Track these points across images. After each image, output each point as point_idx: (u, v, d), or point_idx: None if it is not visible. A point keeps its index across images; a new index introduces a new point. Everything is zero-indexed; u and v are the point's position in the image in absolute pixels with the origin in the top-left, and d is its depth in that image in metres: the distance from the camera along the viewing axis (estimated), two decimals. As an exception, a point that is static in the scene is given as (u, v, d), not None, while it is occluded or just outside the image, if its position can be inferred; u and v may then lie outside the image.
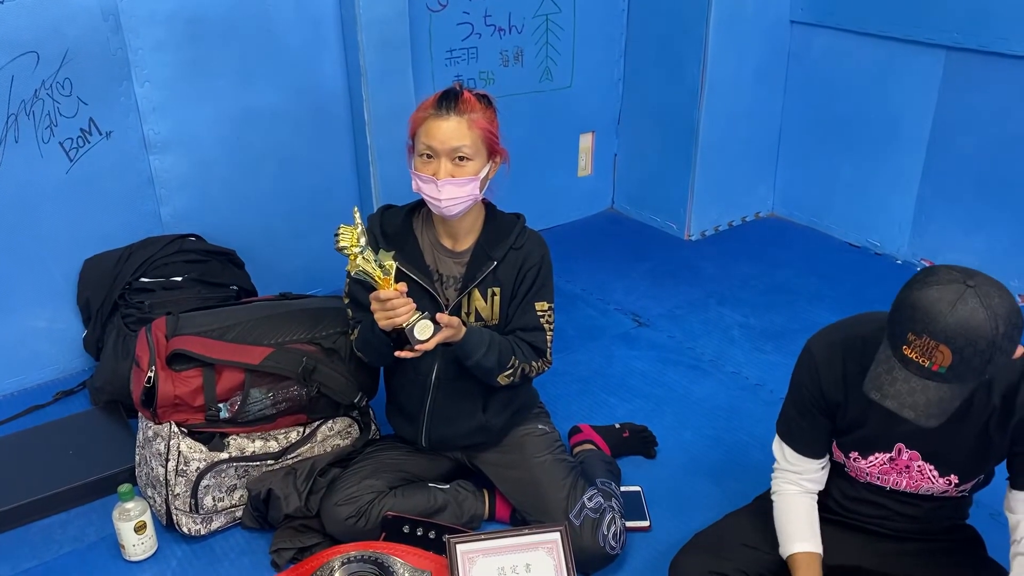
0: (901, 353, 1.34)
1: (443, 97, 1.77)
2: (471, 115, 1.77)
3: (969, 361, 1.29)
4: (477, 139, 1.78)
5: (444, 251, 1.92)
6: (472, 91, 1.81)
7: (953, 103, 3.13)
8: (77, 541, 2.06)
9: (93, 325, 2.58)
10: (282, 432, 2.10)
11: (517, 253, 1.90)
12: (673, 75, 3.51)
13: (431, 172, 1.77)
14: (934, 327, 1.29)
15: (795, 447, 1.65)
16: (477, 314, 1.91)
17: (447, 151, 1.76)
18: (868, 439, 1.59)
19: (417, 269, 1.87)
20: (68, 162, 2.53)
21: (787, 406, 1.67)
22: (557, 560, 1.77)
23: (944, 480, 1.57)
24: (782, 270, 3.40)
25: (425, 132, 1.77)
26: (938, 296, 1.30)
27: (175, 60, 2.62)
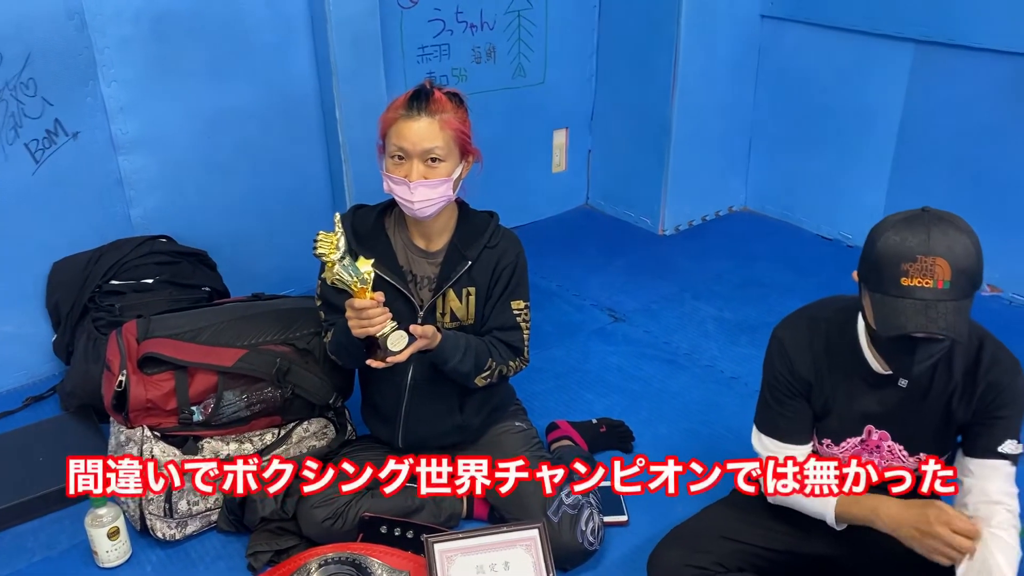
0: (900, 287, 1.36)
1: (413, 97, 1.74)
2: (442, 115, 1.75)
3: (964, 271, 1.35)
4: (449, 139, 1.76)
5: (417, 251, 1.90)
6: (443, 89, 1.79)
7: (922, 96, 3.16)
8: (49, 548, 2.03)
9: (63, 329, 2.54)
10: (257, 434, 2.08)
11: (491, 252, 1.89)
12: (645, 71, 3.52)
13: (403, 174, 1.75)
14: (924, 246, 1.35)
15: (779, 437, 1.66)
16: (452, 314, 1.90)
17: (419, 152, 1.74)
18: (839, 425, 1.62)
19: (390, 270, 1.86)
20: (34, 164, 2.49)
21: (764, 399, 1.68)
22: (535, 557, 1.77)
23: (914, 459, 1.60)
24: (755, 264, 3.42)
25: (396, 133, 1.75)
26: (909, 227, 1.37)
27: (142, 59, 2.59)
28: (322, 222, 3.11)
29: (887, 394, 1.57)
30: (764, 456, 1.68)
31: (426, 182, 1.75)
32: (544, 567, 1.76)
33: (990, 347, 1.52)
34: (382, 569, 1.78)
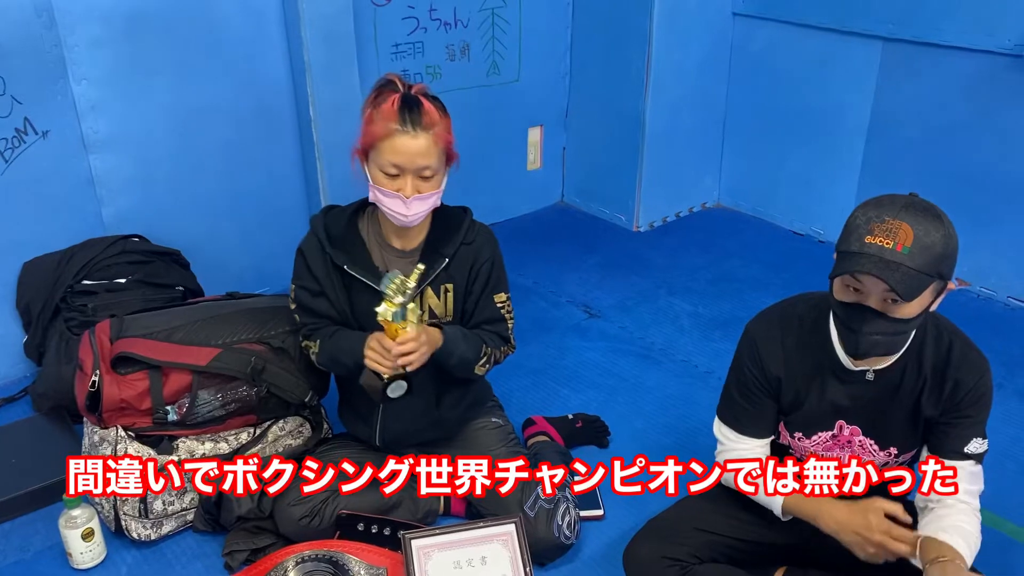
0: (864, 243, 1.39)
1: (405, 110, 1.71)
2: (435, 129, 1.73)
3: (929, 248, 1.36)
4: (441, 153, 1.77)
5: (393, 251, 1.90)
6: (426, 96, 1.76)
7: (891, 93, 3.21)
8: (22, 551, 2.02)
9: (34, 330, 2.52)
10: (232, 433, 2.07)
11: (468, 248, 1.90)
12: (619, 68, 3.54)
13: (396, 188, 1.74)
14: (892, 210, 1.38)
15: (738, 428, 1.69)
16: (431, 311, 1.90)
17: (414, 169, 1.73)
18: (811, 419, 1.64)
19: (365, 270, 1.85)
20: (3, 163, 2.46)
21: (728, 390, 1.71)
22: (512, 552, 1.78)
23: (884, 453, 1.63)
24: (729, 259, 3.45)
25: (391, 150, 1.72)
26: (890, 199, 1.41)
27: (113, 57, 2.57)
28: (296, 220, 3.13)
29: (857, 389, 1.59)
30: (723, 444, 1.72)
31: (420, 196, 1.75)
32: (521, 561, 1.77)
33: (959, 345, 1.55)
34: (359, 566, 1.79)
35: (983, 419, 1.57)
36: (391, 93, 1.74)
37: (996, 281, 3.12)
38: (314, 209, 3.12)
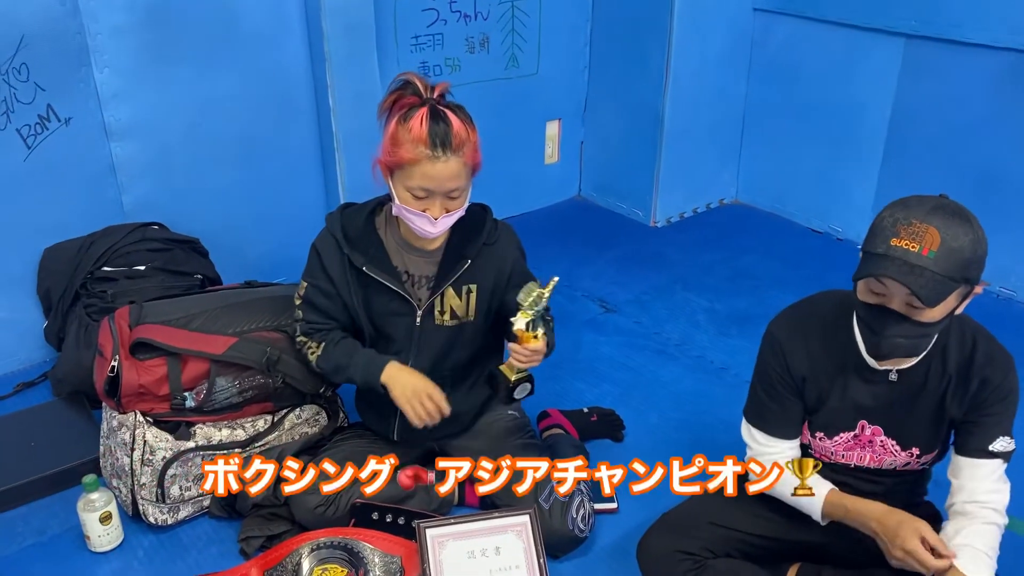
0: (890, 246, 1.37)
1: (434, 132, 1.66)
2: (465, 149, 1.69)
3: (955, 252, 1.34)
4: (469, 170, 1.74)
5: (413, 250, 1.87)
6: (452, 108, 1.70)
7: (912, 90, 3.18)
8: (41, 533, 2.04)
9: (54, 315, 2.54)
10: (249, 420, 2.08)
11: (490, 249, 1.88)
12: (638, 62, 3.53)
13: (423, 208, 1.72)
14: (920, 213, 1.36)
15: (768, 430, 1.67)
16: (452, 312, 1.89)
17: (444, 191, 1.71)
18: (833, 419, 1.62)
19: (383, 271, 1.84)
20: (26, 149, 2.48)
21: (755, 391, 1.69)
22: (526, 543, 1.79)
23: (906, 453, 1.61)
24: (746, 256, 3.44)
25: (421, 175, 1.68)
26: (919, 200, 1.39)
27: (136, 45, 2.58)
28: (314, 210, 3.14)
29: (880, 389, 1.58)
30: (753, 448, 1.70)
31: (448, 214, 1.73)
32: (535, 553, 1.77)
33: (984, 344, 1.53)
34: (374, 554, 1.80)
35: (1010, 417, 1.55)
36: (417, 108, 1.68)
37: (1016, 281, 3.09)
38: (332, 199, 3.13)
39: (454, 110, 1.70)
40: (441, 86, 1.73)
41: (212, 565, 1.92)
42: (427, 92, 1.71)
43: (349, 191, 3.07)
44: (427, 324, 1.89)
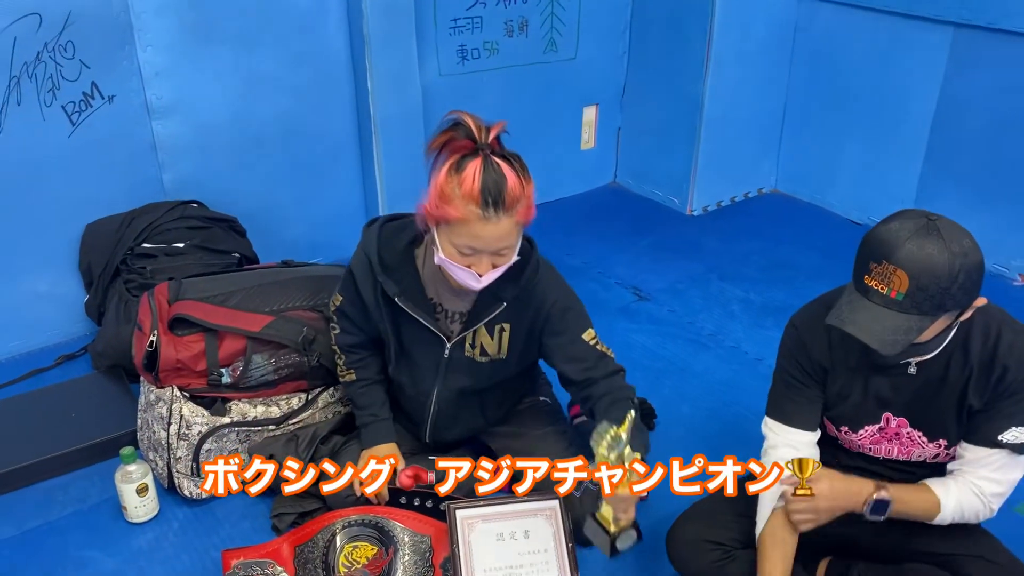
0: (862, 284, 1.38)
1: (487, 190, 1.52)
2: (519, 206, 1.57)
3: (926, 289, 1.33)
4: (521, 227, 1.63)
5: (448, 287, 1.76)
6: (508, 160, 1.56)
7: (960, 81, 3.11)
8: (80, 502, 2.08)
9: (95, 290, 2.59)
10: (284, 398, 2.11)
11: (528, 293, 1.77)
12: (678, 48, 3.49)
13: (468, 264, 1.61)
14: (892, 253, 1.34)
15: (783, 419, 1.65)
16: (483, 349, 1.83)
17: (492, 251, 1.60)
18: (856, 412, 1.61)
19: (415, 304, 1.76)
20: (70, 126, 2.52)
21: (775, 384, 1.68)
22: (555, 527, 1.79)
23: (934, 444, 1.59)
24: (783, 246, 3.40)
25: (469, 234, 1.56)
26: (899, 227, 1.36)
27: (178, 24, 2.61)
28: (350, 191, 3.16)
29: (901, 381, 1.56)
30: (768, 438, 1.68)
31: (494, 270, 1.64)
32: (563, 538, 1.78)
33: (1008, 333, 1.50)
34: (404, 533, 1.81)
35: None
36: (470, 159, 1.55)
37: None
38: (368, 181, 3.15)
39: (510, 161, 1.56)
40: (496, 127, 1.59)
41: (244, 539, 1.95)
42: (481, 135, 1.56)
43: (386, 172, 3.08)
44: (456, 356, 1.84)
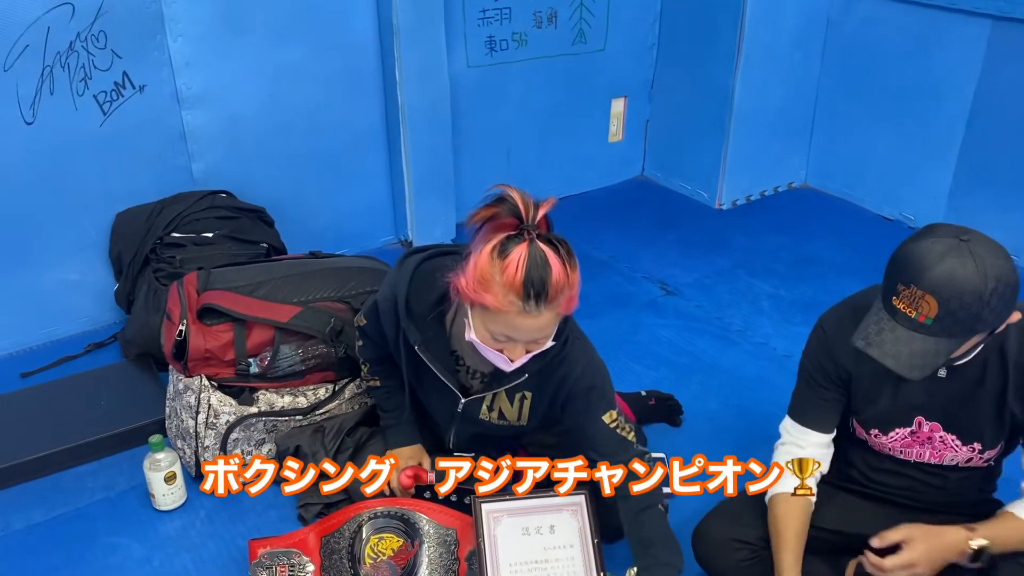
0: (890, 304, 1.35)
1: (530, 282, 1.40)
2: (561, 298, 1.45)
3: (955, 314, 1.29)
4: (561, 319, 1.53)
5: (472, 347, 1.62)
6: (554, 247, 1.43)
7: (997, 75, 3.05)
8: (108, 489, 2.10)
9: (124, 278, 2.61)
10: (311, 388, 2.11)
11: (552, 367, 1.67)
12: (709, 40, 3.45)
13: (501, 349, 1.52)
14: (921, 277, 1.30)
15: (800, 420, 1.64)
16: (501, 413, 1.78)
17: (528, 341, 1.51)
18: (886, 415, 1.58)
19: (437, 358, 1.69)
20: (102, 115, 2.54)
21: (798, 383, 1.66)
22: (581, 523, 1.78)
23: (968, 448, 1.56)
24: (813, 242, 3.36)
25: (506, 325, 1.46)
26: (929, 248, 1.31)
27: (209, 15, 2.61)
28: (378, 183, 3.16)
29: (934, 385, 1.52)
30: (782, 437, 1.67)
31: (526, 355, 1.54)
32: (589, 533, 1.77)
33: None
34: (429, 525, 1.81)
35: None
36: (514, 244, 1.41)
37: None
38: (396, 172, 3.15)
39: (556, 247, 1.44)
40: (545, 206, 1.45)
41: (271, 529, 1.96)
42: (528, 214, 1.43)
43: (413, 164, 3.08)
44: (471, 412, 1.78)
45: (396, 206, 3.22)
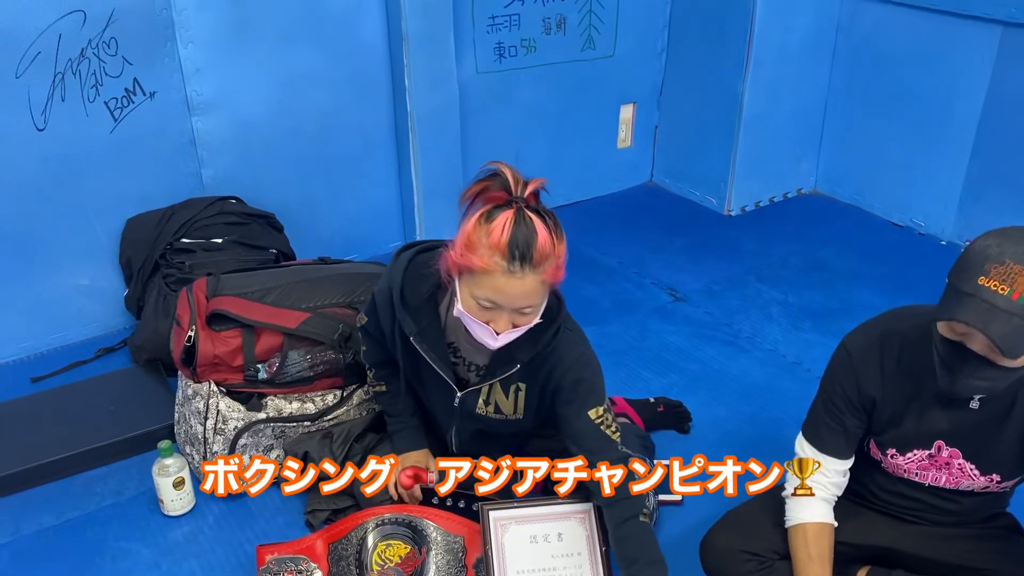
0: (975, 284, 1.27)
1: (515, 243, 1.43)
2: (546, 265, 1.48)
3: None
4: (547, 288, 1.54)
5: (468, 338, 1.66)
6: (541, 216, 1.47)
7: (1008, 81, 3.04)
8: (118, 494, 2.11)
9: (134, 284, 2.62)
10: (319, 394, 2.12)
11: (544, 356, 1.68)
12: (718, 46, 3.45)
13: (486, 320, 1.53)
14: (1016, 249, 1.25)
15: (818, 445, 1.60)
16: (496, 406, 1.77)
17: (513, 308, 1.52)
18: (906, 436, 1.55)
19: (432, 349, 1.70)
20: (113, 122, 2.55)
21: (816, 403, 1.62)
22: (589, 531, 1.78)
23: (985, 478, 1.53)
24: (823, 248, 3.35)
25: (492, 287, 1.47)
26: (1017, 231, 1.28)
27: (219, 21, 2.63)
28: (387, 189, 3.17)
29: (961, 415, 1.49)
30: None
31: (513, 329, 1.55)
32: (597, 541, 1.76)
33: None
34: (437, 532, 1.81)
35: None
36: (501, 209, 1.46)
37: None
38: (404, 179, 3.15)
39: (543, 217, 1.47)
40: (535, 183, 1.50)
41: (278, 535, 1.96)
42: (517, 188, 1.48)
43: (422, 170, 3.08)
44: (469, 406, 1.78)
45: (405, 212, 3.23)
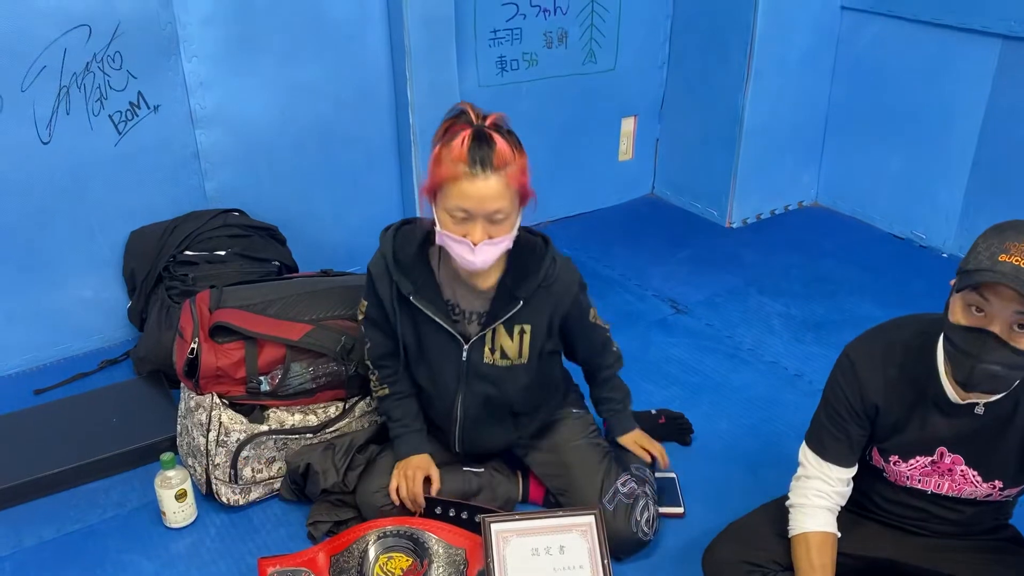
0: (995, 261, 1.28)
1: (475, 149, 1.57)
2: (507, 170, 1.60)
3: None
4: (514, 194, 1.63)
5: (464, 286, 1.79)
6: (499, 131, 1.62)
7: (1008, 94, 3.05)
8: (120, 506, 2.11)
9: (138, 296, 2.62)
10: (321, 406, 2.12)
11: (546, 291, 1.78)
12: (719, 59, 3.47)
13: (463, 233, 1.62)
14: None
15: (821, 454, 1.60)
16: (502, 351, 1.83)
17: (484, 213, 1.61)
18: (909, 443, 1.56)
19: (430, 303, 1.77)
20: (117, 135, 2.57)
21: (819, 413, 1.63)
22: (591, 543, 1.77)
23: (988, 485, 1.54)
24: (824, 260, 3.35)
25: (459, 193, 1.59)
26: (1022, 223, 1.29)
27: (223, 35, 2.65)
28: (389, 201, 3.19)
29: (963, 422, 1.50)
30: (803, 468, 1.64)
31: (490, 241, 1.63)
32: (599, 554, 1.76)
33: None
34: (439, 544, 1.81)
35: None
36: (462, 128, 1.61)
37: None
38: (407, 191, 3.16)
39: (503, 134, 1.62)
40: (495, 115, 1.64)
41: (280, 547, 1.96)
42: (479, 120, 1.63)
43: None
44: (475, 360, 1.83)
45: (407, 224, 3.24)
